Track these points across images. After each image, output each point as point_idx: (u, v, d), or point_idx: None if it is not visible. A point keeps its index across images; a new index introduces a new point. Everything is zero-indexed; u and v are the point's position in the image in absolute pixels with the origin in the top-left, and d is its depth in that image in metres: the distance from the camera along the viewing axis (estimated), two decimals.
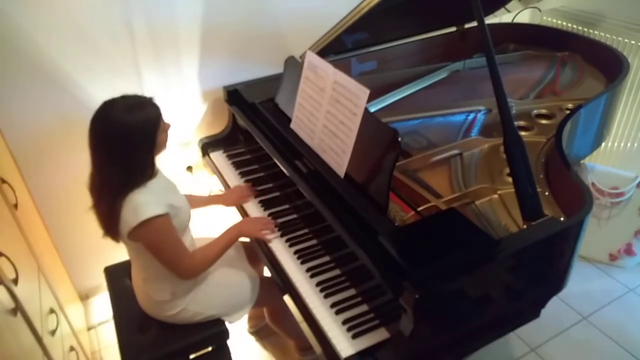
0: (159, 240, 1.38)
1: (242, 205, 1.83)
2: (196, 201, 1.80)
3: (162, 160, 1.98)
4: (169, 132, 1.44)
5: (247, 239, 1.83)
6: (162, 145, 1.42)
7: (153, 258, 1.43)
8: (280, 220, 1.70)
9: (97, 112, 1.33)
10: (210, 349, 1.64)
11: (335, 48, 2.00)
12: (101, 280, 1.86)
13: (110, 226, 1.38)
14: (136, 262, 1.55)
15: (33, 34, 1.73)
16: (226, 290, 1.63)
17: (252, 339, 2.16)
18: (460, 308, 1.25)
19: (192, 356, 1.61)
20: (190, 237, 1.58)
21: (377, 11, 1.72)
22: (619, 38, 2.51)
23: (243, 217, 1.81)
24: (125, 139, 1.30)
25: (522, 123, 1.87)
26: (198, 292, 1.55)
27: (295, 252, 1.57)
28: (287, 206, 1.76)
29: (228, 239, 1.56)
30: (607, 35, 2.55)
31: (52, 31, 1.76)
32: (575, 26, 2.69)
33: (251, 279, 1.69)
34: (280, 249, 1.60)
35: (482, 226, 1.39)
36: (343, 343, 1.28)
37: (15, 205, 1.58)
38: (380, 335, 1.30)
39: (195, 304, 1.55)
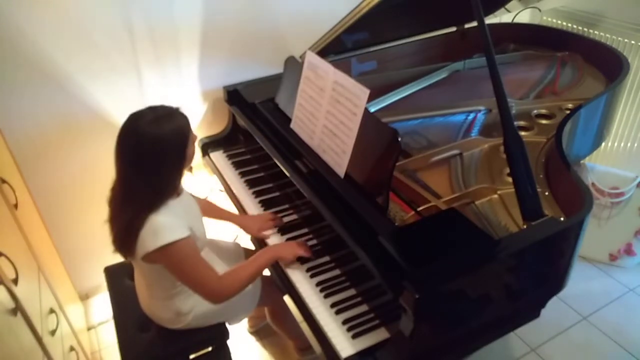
0: (182, 264, 1.31)
1: (241, 204, 1.83)
2: (214, 211, 1.74)
3: None
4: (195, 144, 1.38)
5: (251, 246, 1.81)
6: (190, 159, 1.34)
7: (160, 280, 1.40)
8: None
9: (125, 124, 1.26)
10: (210, 349, 1.64)
11: (335, 48, 2.00)
12: (101, 280, 1.86)
13: (125, 244, 1.30)
14: (142, 281, 1.51)
15: (32, 33, 1.73)
16: (229, 304, 1.58)
17: (252, 339, 2.16)
18: (460, 308, 1.25)
19: (192, 356, 1.61)
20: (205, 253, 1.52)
21: (377, 11, 1.72)
22: (619, 38, 2.51)
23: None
24: (155, 152, 1.23)
25: (522, 123, 1.86)
26: (202, 308, 1.52)
27: None
28: (287, 206, 1.76)
29: (263, 261, 1.46)
30: (607, 35, 2.55)
31: (52, 31, 1.76)
32: (575, 26, 2.69)
33: (254, 285, 1.65)
34: None
35: (482, 226, 1.39)
36: (343, 343, 1.28)
37: (15, 205, 1.58)
38: (380, 335, 1.30)
39: (198, 319, 1.53)
